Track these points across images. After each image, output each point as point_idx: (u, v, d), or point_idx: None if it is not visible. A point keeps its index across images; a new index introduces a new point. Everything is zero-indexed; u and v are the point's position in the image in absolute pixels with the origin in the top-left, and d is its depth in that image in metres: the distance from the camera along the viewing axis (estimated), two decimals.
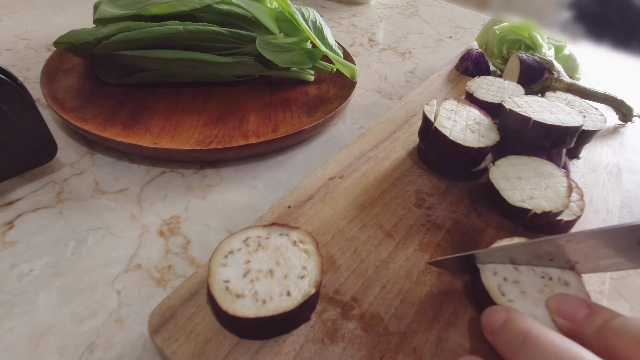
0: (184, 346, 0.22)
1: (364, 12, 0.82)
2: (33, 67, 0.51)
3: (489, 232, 0.33)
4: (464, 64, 0.57)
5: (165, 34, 0.42)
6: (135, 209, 0.34)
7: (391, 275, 0.28)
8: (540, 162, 0.35)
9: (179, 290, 0.25)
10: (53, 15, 0.65)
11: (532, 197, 0.32)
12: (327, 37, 0.48)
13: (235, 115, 0.43)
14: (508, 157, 0.35)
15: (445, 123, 0.36)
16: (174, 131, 0.40)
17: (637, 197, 0.43)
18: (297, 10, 0.45)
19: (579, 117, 0.36)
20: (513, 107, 0.36)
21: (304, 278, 0.24)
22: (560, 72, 0.49)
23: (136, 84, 0.45)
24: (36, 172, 0.36)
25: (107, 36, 0.42)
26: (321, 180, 0.35)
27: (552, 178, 0.33)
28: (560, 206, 0.31)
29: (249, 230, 0.26)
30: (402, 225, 0.32)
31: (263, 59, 0.45)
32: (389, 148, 0.40)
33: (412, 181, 0.37)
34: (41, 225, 0.32)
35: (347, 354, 0.24)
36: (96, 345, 0.25)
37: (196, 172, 0.38)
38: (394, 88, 0.57)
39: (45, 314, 0.26)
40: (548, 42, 0.57)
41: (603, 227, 0.22)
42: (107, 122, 0.40)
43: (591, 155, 0.44)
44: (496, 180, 0.33)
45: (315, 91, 0.50)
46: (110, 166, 0.38)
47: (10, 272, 0.28)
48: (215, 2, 0.44)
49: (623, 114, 0.49)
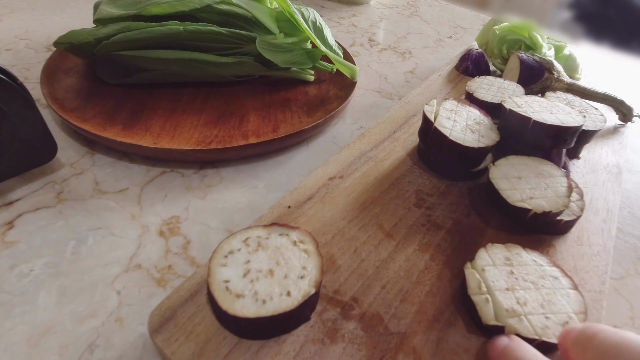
0: (184, 346, 0.22)
1: (364, 12, 0.82)
2: (33, 67, 0.51)
3: (489, 232, 0.33)
4: (464, 64, 0.57)
5: (165, 34, 0.42)
6: (135, 209, 0.34)
7: (391, 275, 0.28)
8: (540, 162, 0.35)
9: (179, 290, 0.25)
10: (53, 15, 0.65)
11: (532, 197, 0.32)
12: (327, 37, 0.48)
13: (235, 115, 0.43)
14: (508, 157, 0.35)
15: (445, 123, 0.36)
16: (174, 131, 0.40)
17: (637, 197, 0.43)
18: (297, 10, 0.45)
19: (579, 117, 0.36)
20: (513, 107, 0.36)
21: (304, 278, 0.24)
22: (560, 72, 0.49)
23: (136, 84, 0.45)
24: (36, 172, 0.36)
25: (107, 36, 0.42)
26: (321, 180, 0.35)
27: (552, 178, 0.33)
28: (560, 206, 0.31)
29: (249, 230, 0.26)
30: (402, 225, 0.32)
31: (263, 59, 0.45)
32: (389, 148, 0.40)
33: (412, 181, 0.37)
34: (41, 225, 0.32)
35: (347, 354, 0.24)
36: (96, 345, 0.25)
37: (196, 172, 0.38)
38: (394, 88, 0.57)
39: (45, 314, 0.26)
40: (548, 42, 0.57)
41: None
42: (107, 122, 0.40)
43: (591, 155, 0.44)
44: (496, 180, 0.33)
45: (315, 91, 0.50)
46: (110, 166, 0.38)
47: (10, 272, 0.28)
48: (215, 2, 0.44)
49: (623, 114, 0.49)
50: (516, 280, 0.26)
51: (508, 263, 0.27)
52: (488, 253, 0.28)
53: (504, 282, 0.26)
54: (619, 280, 0.34)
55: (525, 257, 0.28)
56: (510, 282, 0.26)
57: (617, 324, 0.30)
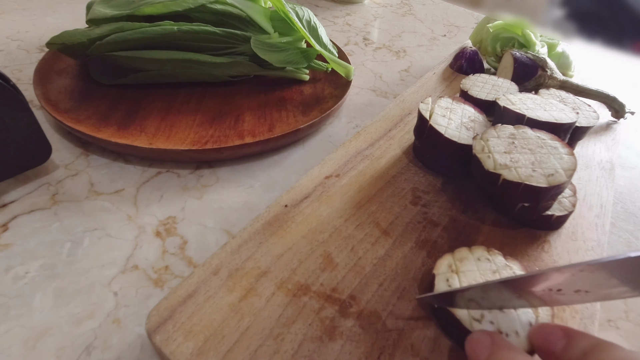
0: (183, 346, 0.22)
1: (358, 11, 0.82)
2: (25, 68, 0.50)
3: (485, 229, 0.33)
4: (458, 62, 0.57)
5: (159, 34, 0.41)
6: (131, 210, 0.34)
7: (388, 272, 0.28)
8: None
9: (176, 290, 0.25)
10: (45, 15, 0.64)
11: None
12: (321, 36, 0.48)
13: (231, 115, 0.43)
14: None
15: (441, 121, 0.36)
16: (169, 131, 0.40)
17: (630, 193, 0.44)
18: (291, 9, 0.45)
19: (572, 114, 0.36)
20: (507, 104, 0.37)
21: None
22: (553, 70, 0.49)
23: (130, 84, 0.45)
24: (30, 174, 0.36)
25: (101, 37, 0.42)
26: (317, 179, 0.35)
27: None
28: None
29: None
30: (399, 223, 0.32)
31: (258, 58, 0.45)
32: (384, 146, 0.41)
33: (408, 179, 0.37)
34: (36, 227, 0.32)
35: (346, 351, 0.24)
36: (93, 347, 0.25)
37: (192, 172, 0.38)
38: (388, 86, 0.57)
39: (41, 316, 0.26)
40: (541, 39, 0.58)
41: (610, 258, 0.19)
42: (102, 122, 0.40)
43: (584, 152, 0.44)
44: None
45: (310, 90, 0.50)
46: (106, 167, 0.38)
47: (5, 274, 0.28)
48: (209, 2, 0.44)
49: (615, 111, 0.50)
50: (515, 147, 0.31)
51: (512, 137, 0.32)
52: (496, 130, 0.33)
53: (503, 148, 0.32)
54: None
55: (530, 133, 0.32)
56: (509, 149, 0.32)
57: (611, 318, 0.31)
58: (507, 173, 0.30)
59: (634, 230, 0.39)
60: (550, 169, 0.30)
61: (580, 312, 0.27)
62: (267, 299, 0.26)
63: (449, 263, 0.27)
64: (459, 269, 0.26)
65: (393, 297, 0.27)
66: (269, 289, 0.26)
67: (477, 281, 0.25)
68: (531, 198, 0.30)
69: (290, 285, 0.27)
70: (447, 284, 0.25)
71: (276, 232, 0.30)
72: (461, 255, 0.27)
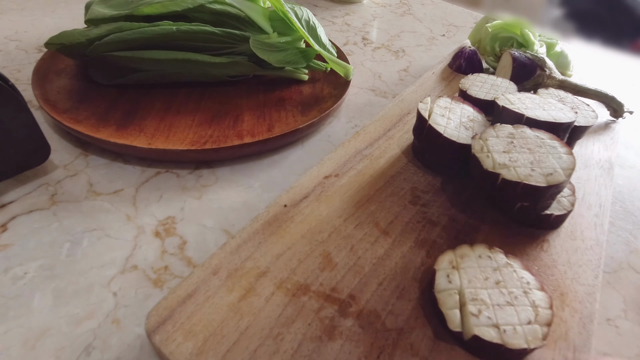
0: (182, 346, 0.22)
1: (357, 11, 0.82)
2: (24, 69, 0.50)
3: (484, 228, 0.33)
4: (457, 61, 0.58)
5: (157, 34, 0.41)
6: (131, 210, 0.34)
7: (388, 272, 0.28)
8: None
9: (176, 290, 0.25)
10: (43, 15, 0.64)
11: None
12: (320, 36, 0.48)
13: (230, 115, 0.43)
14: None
15: (440, 120, 0.36)
16: (168, 131, 0.40)
17: (629, 192, 0.44)
18: (290, 9, 0.45)
19: (571, 113, 0.36)
20: (506, 104, 0.37)
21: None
22: (552, 69, 0.49)
23: (129, 84, 0.45)
24: (29, 174, 0.36)
25: (99, 37, 0.42)
26: (317, 178, 0.35)
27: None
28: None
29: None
30: (398, 222, 0.32)
31: (257, 58, 0.45)
32: (383, 146, 0.41)
33: (407, 179, 0.37)
34: (35, 227, 0.32)
35: (345, 350, 0.24)
36: (93, 347, 0.25)
37: (191, 172, 0.38)
38: (388, 86, 0.57)
39: (40, 317, 0.26)
40: (540, 39, 0.58)
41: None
42: (101, 123, 0.40)
43: (583, 151, 0.44)
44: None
45: (309, 90, 0.50)
46: (105, 167, 0.38)
47: (4, 275, 0.28)
48: (208, 2, 0.44)
49: (614, 110, 0.50)
50: (514, 147, 0.32)
51: (510, 136, 0.32)
52: (495, 130, 0.33)
53: (502, 147, 0.32)
54: (611, 274, 0.34)
55: (529, 132, 0.32)
56: (508, 148, 0.32)
57: (610, 316, 0.31)
58: (506, 172, 0.30)
59: (633, 229, 0.39)
60: (549, 169, 0.30)
61: (580, 311, 0.27)
62: (266, 299, 0.26)
63: (449, 259, 0.27)
64: (459, 265, 0.27)
65: (392, 296, 0.27)
66: (269, 288, 0.26)
67: (477, 278, 0.26)
68: (530, 197, 0.30)
69: (289, 285, 0.27)
70: (448, 280, 0.26)
71: (275, 232, 0.30)
72: (462, 252, 0.28)
